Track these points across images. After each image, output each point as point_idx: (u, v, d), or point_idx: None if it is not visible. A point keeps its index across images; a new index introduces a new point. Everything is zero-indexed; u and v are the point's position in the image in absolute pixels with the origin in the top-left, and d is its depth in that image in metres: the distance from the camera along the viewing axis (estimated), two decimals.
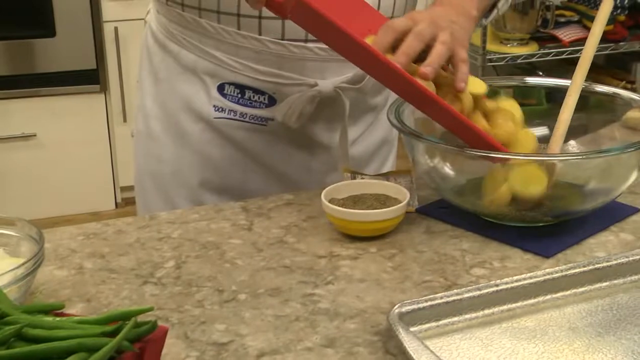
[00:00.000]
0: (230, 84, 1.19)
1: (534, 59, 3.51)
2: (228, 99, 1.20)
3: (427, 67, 0.96)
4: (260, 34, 1.15)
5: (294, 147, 1.24)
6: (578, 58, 1.16)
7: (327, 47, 1.14)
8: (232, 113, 1.21)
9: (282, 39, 1.15)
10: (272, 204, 1.13)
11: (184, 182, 1.25)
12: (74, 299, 0.90)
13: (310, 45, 1.16)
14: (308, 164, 1.25)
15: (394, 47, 0.97)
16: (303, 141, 1.23)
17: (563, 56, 3.52)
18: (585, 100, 1.16)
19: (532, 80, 1.24)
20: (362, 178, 1.14)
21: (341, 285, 0.93)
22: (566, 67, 3.77)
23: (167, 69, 1.24)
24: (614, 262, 0.92)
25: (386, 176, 1.15)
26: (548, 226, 1.03)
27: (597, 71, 3.84)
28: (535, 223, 1.03)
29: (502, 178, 0.99)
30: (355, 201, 1.06)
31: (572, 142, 1.16)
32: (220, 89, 1.20)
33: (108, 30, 3.13)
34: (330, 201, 1.05)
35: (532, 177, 0.98)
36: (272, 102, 1.19)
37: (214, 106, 1.21)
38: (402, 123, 1.03)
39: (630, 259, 0.92)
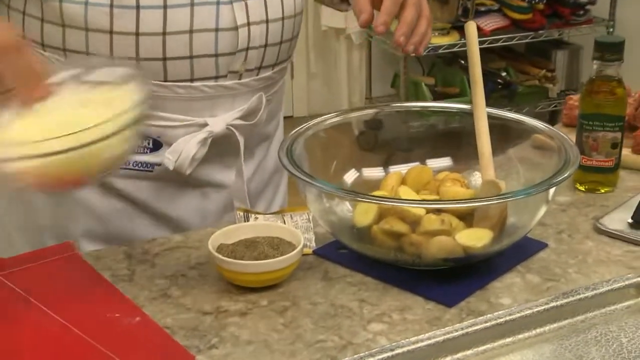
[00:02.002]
0: None
1: (455, 49, 3.48)
2: None
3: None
4: None
5: (185, 191, 1.14)
6: (499, 47, 1.11)
7: (216, 82, 1.06)
8: None
9: (165, 81, 1.06)
10: (158, 248, 1.05)
11: (65, 234, 1.13)
12: None
13: (196, 84, 1.06)
14: (202, 207, 1.16)
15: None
16: (195, 183, 1.14)
17: (484, 45, 3.49)
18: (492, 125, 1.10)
19: (434, 105, 1.16)
20: (256, 218, 1.06)
21: (226, 349, 0.85)
22: (488, 56, 3.74)
23: None
24: (517, 314, 0.86)
25: (281, 214, 1.07)
26: (451, 268, 0.97)
27: (519, 60, 3.83)
28: (435, 267, 0.96)
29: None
30: (247, 246, 0.98)
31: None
32: None
33: None
34: (219, 247, 0.97)
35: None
36: (157, 146, 1.09)
37: None
38: (295, 164, 0.95)
39: (534, 310, 0.87)
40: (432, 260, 0.94)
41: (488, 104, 1.11)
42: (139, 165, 1.10)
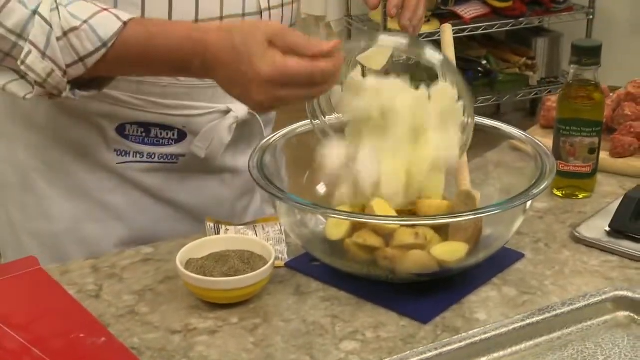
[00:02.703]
0: (131, 123, 1.07)
1: (435, 37, 3.45)
2: (131, 140, 1.08)
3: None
4: None
5: (205, 179, 1.14)
6: (480, 35, 1.11)
7: None
8: (137, 155, 1.08)
9: None
10: (127, 261, 1.02)
11: (82, 238, 1.11)
12: None
13: None
14: (220, 194, 1.16)
15: None
16: (216, 170, 1.14)
17: (464, 33, 3.47)
18: None
19: None
20: (227, 229, 1.03)
21: None
22: (468, 44, 3.72)
23: (46, 114, 1.08)
24: (492, 332, 0.84)
25: (253, 225, 1.05)
26: (426, 282, 0.95)
27: (499, 48, 3.80)
28: (409, 281, 0.94)
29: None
30: (217, 260, 0.95)
31: None
32: (121, 130, 1.07)
33: None
34: (188, 262, 0.94)
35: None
36: (182, 136, 1.08)
37: (116, 151, 1.08)
38: (265, 177, 0.93)
39: (510, 327, 0.85)
40: (406, 275, 0.92)
41: None
42: (165, 157, 1.09)
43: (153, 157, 1.09)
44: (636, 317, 0.88)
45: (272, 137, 1.02)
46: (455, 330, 0.88)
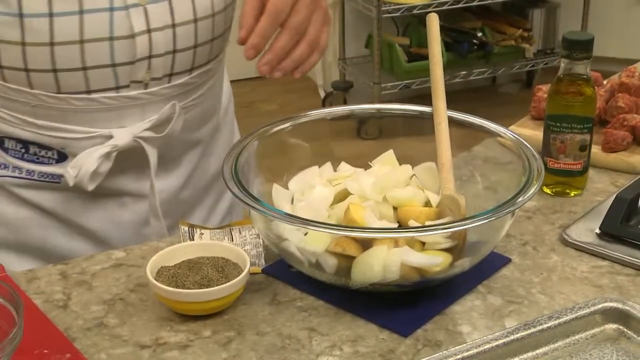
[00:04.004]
0: (10, 138, 1.02)
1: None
2: (10, 155, 1.03)
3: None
4: (32, 88, 0.97)
5: (99, 202, 1.07)
6: (475, 6, 1.04)
7: (117, 93, 0.99)
8: (17, 170, 1.03)
9: (59, 93, 0.98)
10: (97, 267, 0.98)
11: None
12: None
13: (95, 95, 0.99)
14: (119, 218, 1.09)
15: None
16: (109, 193, 1.07)
17: (460, 5, 3.41)
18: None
19: (391, 107, 1.08)
20: (202, 233, 0.99)
21: None
22: (463, 15, 3.66)
23: None
24: (475, 349, 0.80)
25: (229, 228, 1.00)
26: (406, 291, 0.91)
27: (495, 19, 3.74)
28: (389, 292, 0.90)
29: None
30: (191, 267, 0.91)
31: None
32: (0, 142, 1.03)
33: None
34: (160, 270, 0.90)
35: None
36: (62, 157, 1.02)
37: None
38: (239, 183, 0.88)
39: (493, 344, 0.81)
40: (386, 286, 0.88)
41: (464, 65, 1.03)
42: (45, 176, 1.03)
43: (32, 174, 1.04)
44: (625, 330, 0.85)
45: (247, 138, 0.98)
46: (437, 345, 0.84)
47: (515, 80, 4.16)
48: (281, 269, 0.95)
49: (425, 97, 1.03)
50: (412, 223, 0.91)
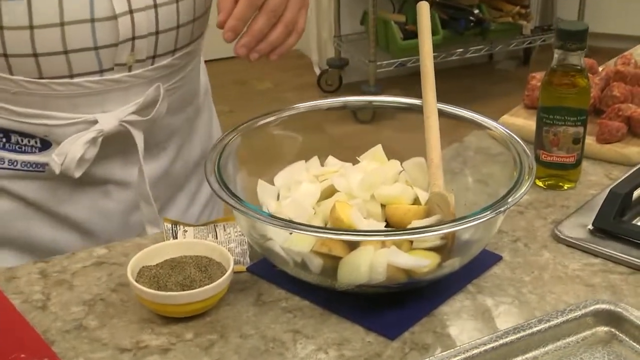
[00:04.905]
0: None
1: None
2: None
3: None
4: (12, 74, 0.94)
5: (84, 190, 1.05)
6: None
7: (101, 77, 0.97)
8: None
9: (41, 78, 0.95)
10: (78, 265, 0.96)
11: None
12: None
13: (78, 80, 0.96)
14: (104, 207, 1.07)
15: None
16: (94, 182, 1.05)
17: None
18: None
19: (383, 99, 1.06)
20: (185, 230, 0.97)
21: None
22: None
23: None
24: (463, 355, 0.78)
25: (213, 225, 0.98)
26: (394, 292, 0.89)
27: None
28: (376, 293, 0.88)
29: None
30: (173, 267, 0.89)
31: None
32: None
33: None
34: (141, 270, 0.88)
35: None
36: (46, 145, 1.00)
37: None
38: (222, 183, 0.86)
39: (481, 349, 0.79)
40: (373, 287, 0.86)
41: (460, 42, 1.00)
42: (28, 165, 1.01)
43: (15, 164, 1.01)
44: (617, 333, 0.83)
45: (232, 133, 0.95)
46: (424, 348, 0.82)
47: (513, 57, 4.13)
48: (266, 268, 0.93)
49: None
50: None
